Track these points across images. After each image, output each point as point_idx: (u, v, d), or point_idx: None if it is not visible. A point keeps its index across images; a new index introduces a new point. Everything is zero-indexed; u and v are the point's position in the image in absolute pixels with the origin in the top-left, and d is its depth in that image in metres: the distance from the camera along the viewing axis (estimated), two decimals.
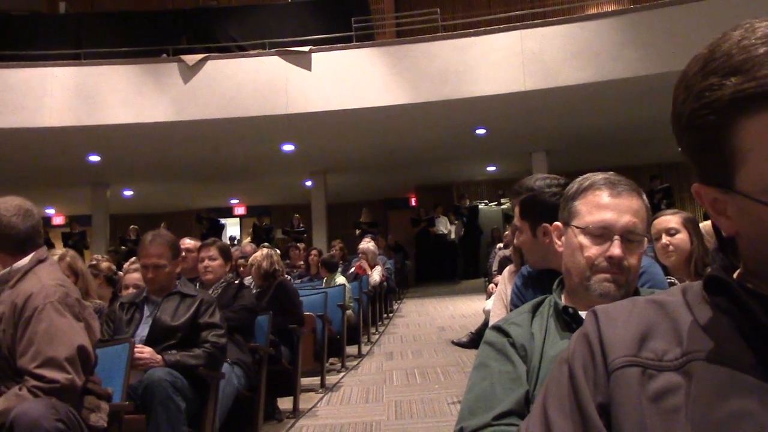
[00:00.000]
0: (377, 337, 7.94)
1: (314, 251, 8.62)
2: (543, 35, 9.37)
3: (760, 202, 0.60)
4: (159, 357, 2.93)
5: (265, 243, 9.90)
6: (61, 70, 9.93)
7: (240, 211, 18.62)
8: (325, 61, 9.91)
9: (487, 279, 9.97)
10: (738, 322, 0.64)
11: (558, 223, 1.45)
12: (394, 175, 14.77)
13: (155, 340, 3.04)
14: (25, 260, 2.24)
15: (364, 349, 6.99)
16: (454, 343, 5.45)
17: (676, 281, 2.47)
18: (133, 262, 4.41)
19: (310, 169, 13.29)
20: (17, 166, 11.61)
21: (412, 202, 17.27)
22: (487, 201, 15.97)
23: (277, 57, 9.96)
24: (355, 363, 6.33)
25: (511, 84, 9.28)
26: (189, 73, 9.90)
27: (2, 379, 2.07)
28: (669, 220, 2.74)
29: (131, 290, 3.78)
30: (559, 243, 1.44)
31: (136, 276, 3.78)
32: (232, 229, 18.21)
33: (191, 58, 9.95)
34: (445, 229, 14.86)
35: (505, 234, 8.40)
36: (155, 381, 2.74)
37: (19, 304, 2.11)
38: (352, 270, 8.76)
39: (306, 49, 9.91)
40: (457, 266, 14.99)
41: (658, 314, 0.69)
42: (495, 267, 7.68)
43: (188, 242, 4.42)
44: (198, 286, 3.79)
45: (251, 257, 5.41)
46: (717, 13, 8.07)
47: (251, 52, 10.32)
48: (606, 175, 1.38)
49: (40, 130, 9.71)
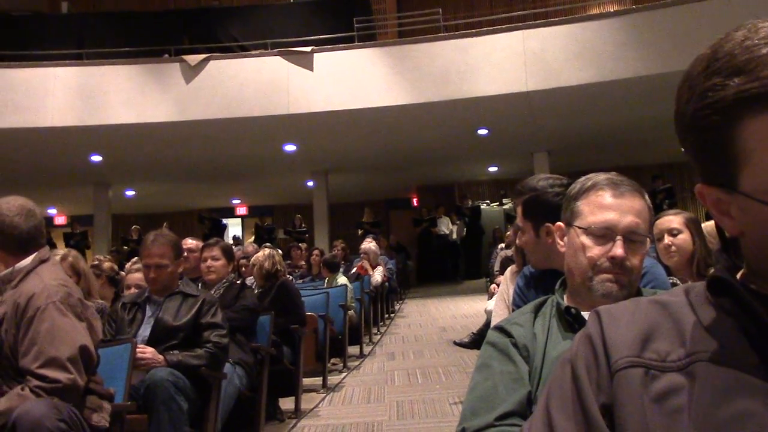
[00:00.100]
0: (379, 337, 7.93)
1: (316, 251, 8.61)
2: (545, 35, 9.37)
3: (764, 202, 0.60)
4: (161, 357, 2.93)
5: (266, 243, 9.92)
6: (64, 70, 9.95)
7: (242, 211, 18.60)
8: (327, 61, 9.92)
9: (489, 279, 9.96)
10: (742, 323, 0.63)
11: (560, 224, 1.44)
12: (395, 175, 14.77)
13: (157, 340, 3.04)
14: (28, 260, 2.24)
15: (366, 350, 6.99)
16: (455, 343, 5.44)
17: (679, 282, 2.47)
18: (135, 262, 4.42)
19: (312, 169, 13.30)
20: (19, 166, 11.63)
21: (414, 202, 17.26)
22: (488, 201, 15.95)
23: (279, 57, 9.97)
24: (356, 363, 6.33)
25: (513, 84, 9.28)
26: (191, 73, 9.91)
27: (4, 379, 2.08)
28: (671, 220, 2.74)
29: (133, 290, 3.78)
30: (561, 243, 1.44)
31: (138, 276, 3.79)
32: (233, 229, 18.21)
33: (193, 58, 9.96)
34: (446, 229, 14.83)
35: (506, 234, 8.40)
36: (157, 381, 2.74)
37: (22, 304, 2.11)
38: (354, 270, 8.76)
39: (308, 49, 9.92)
40: (459, 266, 14.97)
41: (662, 315, 0.68)
42: (497, 267, 7.67)
43: (190, 242, 4.41)
44: (200, 286, 3.79)
45: (253, 257, 5.40)
46: (718, 14, 8.06)
47: (253, 52, 10.33)
48: (608, 176, 1.38)
49: (42, 130, 9.73)
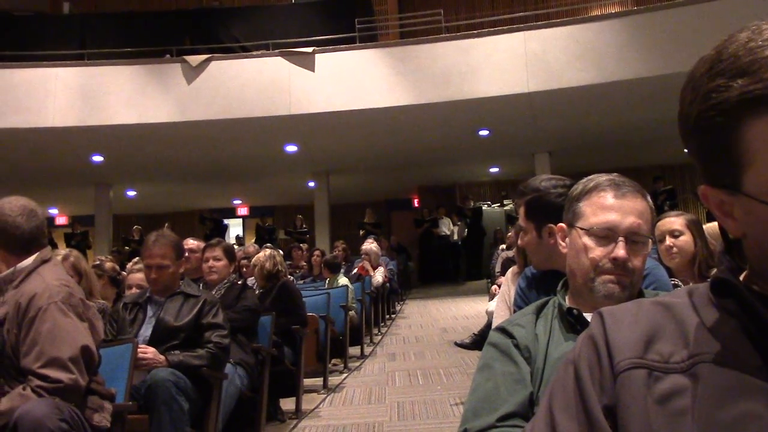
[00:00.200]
0: (380, 338, 7.93)
1: (317, 252, 8.61)
2: (546, 37, 9.37)
3: (767, 203, 0.60)
4: (162, 357, 2.93)
5: (267, 244, 9.92)
6: (65, 70, 9.96)
7: (243, 211, 18.60)
8: (329, 61, 9.92)
9: (490, 280, 9.97)
10: (745, 325, 0.63)
11: (562, 225, 1.44)
12: (396, 176, 14.77)
13: (158, 340, 3.04)
14: (29, 260, 2.24)
15: (367, 350, 6.99)
16: (456, 344, 5.44)
17: (680, 283, 2.47)
18: (136, 263, 4.42)
19: (313, 170, 13.30)
20: (20, 166, 11.65)
21: (415, 203, 17.25)
22: (489, 202, 15.94)
23: (280, 58, 9.97)
24: (357, 364, 6.32)
25: (515, 85, 9.28)
26: (192, 74, 9.92)
27: (6, 379, 2.08)
28: (673, 221, 2.74)
29: (134, 290, 3.79)
30: (563, 244, 1.43)
31: (140, 276, 3.78)
32: (234, 229, 18.21)
33: (195, 59, 9.96)
34: (447, 230, 14.83)
35: (508, 236, 8.40)
36: (158, 381, 2.74)
37: (23, 304, 2.11)
38: (355, 271, 8.75)
39: (309, 49, 9.92)
40: (460, 267, 14.96)
41: (665, 316, 0.68)
42: (498, 268, 7.68)
43: (191, 243, 4.42)
44: (201, 287, 3.79)
45: (254, 258, 5.40)
46: (720, 15, 8.06)
47: (255, 53, 10.33)
48: (610, 177, 1.38)
49: (43, 131, 9.74)
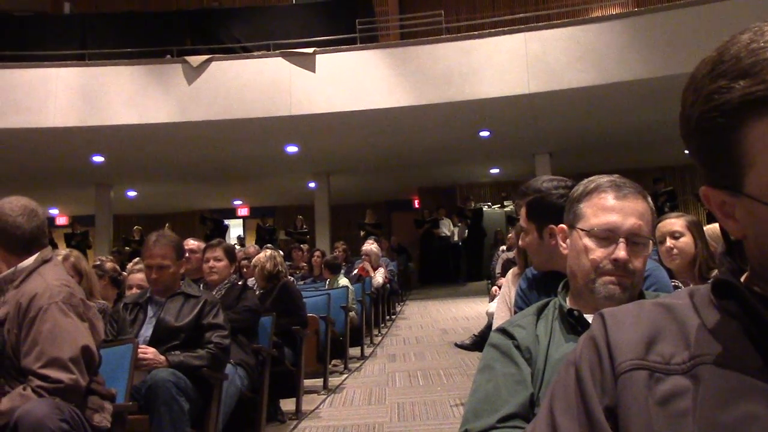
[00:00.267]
0: (380, 339, 7.93)
1: (317, 253, 8.61)
2: (547, 38, 9.37)
3: None
4: (162, 358, 2.93)
5: (268, 244, 9.92)
6: (66, 70, 9.96)
7: (243, 212, 18.60)
8: (329, 62, 9.92)
9: (490, 281, 9.96)
10: (746, 326, 0.63)
11: (563, 226, 1.44)
12: (397, 176, 14.77)
13: (159, 340, 3.04)
14: (30, 260, 2.24)
15: (367, 351, 6.99)
16: (457, 345, 5.45)
17: (681, 285, 2.47)
18: (136, 263, 4.42)
19: (314, 171, 13.30)
20: (21, 167, 11.65)
21: (416, 204, 17.25)
22: (490, 203, 15.95)
23: (281, 58, 9.98)
24: (357, 365, 6.32)
25: (515, 86, 9.28)
26: (193, 74, 9.92)
27: (7, 379, 2.08)
28: (673, 223, 2.74)
29: (134, 290, 3.79)
30: (564, 245, 1.43)
31: (140, 276, 3.78)
32: (235, 230, 18.21)
33: (195, 59, 9.96)
34: (448, 231, 14.82)
35: (508, 237, 8.40)
36: (159, 382, 2.74)
37: (24, 304, 2.11)
38: (355, 272, 8.75)
39: (310, 50, 9.93)
40: (461, 268, 14.96)
41: (666, 317, 0.68)
42: (498, 269, 7.69)
43: (192, 243, 4.42)
44: (202, 287, 3.79)
45: (254, 259, 5.40)
46: (721, 17, 8.06)
47: (255, 54, 10.34)
48: (611, 178, 1.38)
49: (44, 131, 9.74)
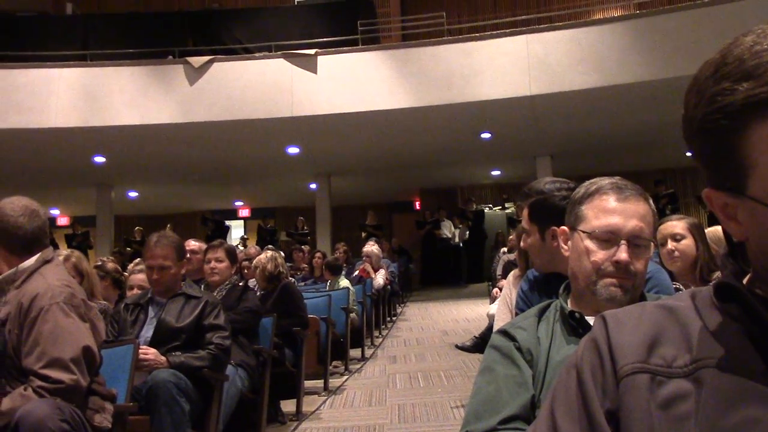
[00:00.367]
0: (381, 340, 7.93)
1: (318, 254, 8.61)
2: (548, 40, 9.37)
3: None
4: (163, 358, 2.93)
5: (269, 245, 9.92)
6: (68, 71, 9.97)
7: (244, 213, 18.59)
8: (331, 64, 9.93)
9: (491, 283, 9.95)
10: (748, 329, 0.63)
11: (564, 228, 1.44)
12: (398, 178, 14.76)
13: (159, 341, 3.04)
14: (32, 260, 2.24)
15: (368, 353, 6.99)
16: (457, 347, 5.44)
17: (682, 287, 2.46)
18: (137, 263, 4.42)
19: (315, 172, 13.30)
20: (22, 167, 11.65)
21: (417, 205, 17.24)
22: (491, 205, 15.94)
23: (282, 59, 9.98)
24: (358, 366, 6.32)
25: (517, 88, 9.28)
26: (195, 75, 9.93)
27: (8, 379, 2.08)
28: (674, 225, 2.74)
29: (135, 291, 3.79)
30: (565, 247, 1.43)
31: (141, 277, 3.78)
32: (236, 231, 18.20)
33: (197, 60, 9.97)
34: (449, 232, 14.81)
35: (509, 238, 8.39)
36: (159, 382, 2.74)
37: (25, 305, 2.11)
38: (356, 273, 8.75)
39: (312, 51, 9.93)
40: (462, 270, 14.94)
41: (668, 320, 0.68)
42: (499, 271, 7.68)
43: (193, 244, 4.42)
44: (203, 288, 3.79)
45: (255, 260, 5.40)
46: (722, 19, 8.06)
47: (257, 55, 10.34)
48: (613, 180, 1.37)
49: (45, 131, 9.74)
